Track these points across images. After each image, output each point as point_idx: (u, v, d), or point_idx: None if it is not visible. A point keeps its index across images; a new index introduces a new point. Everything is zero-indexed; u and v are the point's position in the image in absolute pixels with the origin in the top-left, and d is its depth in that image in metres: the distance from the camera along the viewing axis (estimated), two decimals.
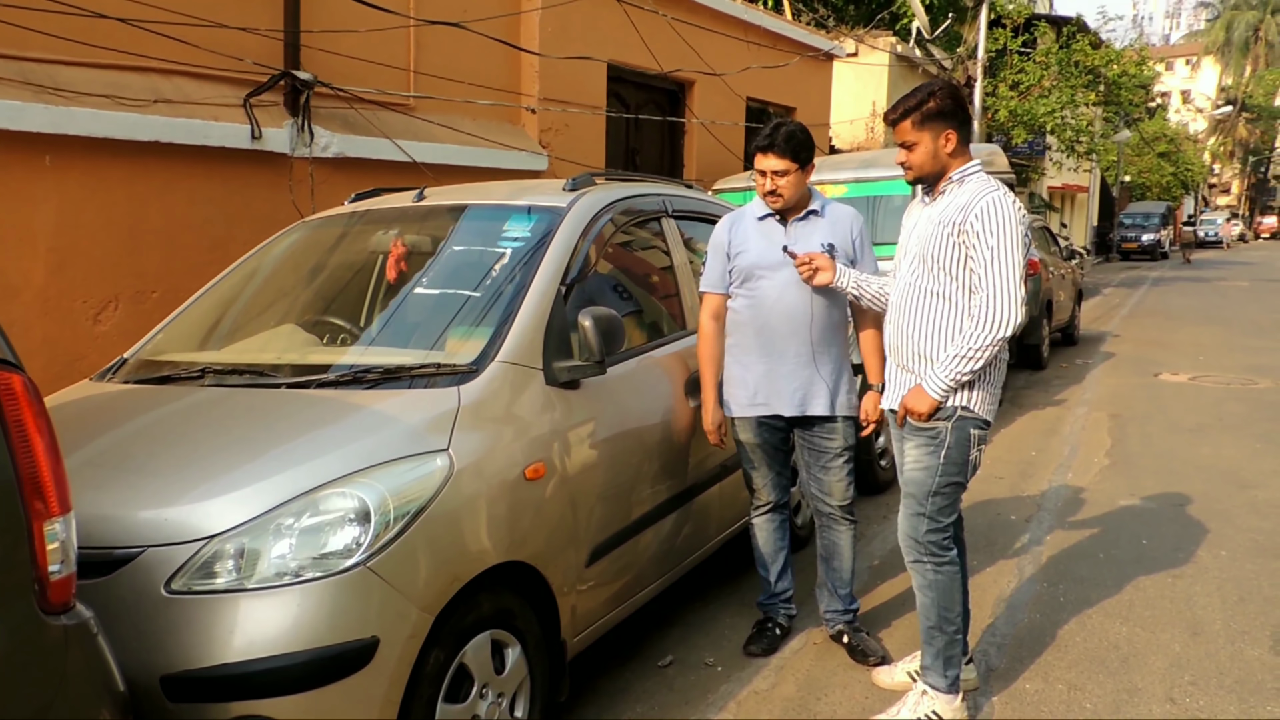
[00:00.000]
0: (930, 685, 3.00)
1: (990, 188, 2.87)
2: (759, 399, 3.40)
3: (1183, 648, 3.52)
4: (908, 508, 3.01)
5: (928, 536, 2.97)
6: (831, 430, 3.42)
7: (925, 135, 2.91)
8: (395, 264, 3.43)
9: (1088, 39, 16.82)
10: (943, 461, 2.92)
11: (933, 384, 2.87)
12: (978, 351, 2.81)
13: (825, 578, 3.56)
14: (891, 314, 3.08)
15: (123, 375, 3.14)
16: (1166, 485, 5.59)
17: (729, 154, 9.66)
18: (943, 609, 2.98)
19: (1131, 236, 32.74)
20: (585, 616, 2.94)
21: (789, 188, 3.32)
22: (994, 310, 2.79)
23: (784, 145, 3.29)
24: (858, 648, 3.47)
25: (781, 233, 3.38)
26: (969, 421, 2.91)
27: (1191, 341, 11.86)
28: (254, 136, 5.29)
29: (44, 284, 4.54)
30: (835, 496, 3.46)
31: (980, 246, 2.81)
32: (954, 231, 2.86)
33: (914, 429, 2.97)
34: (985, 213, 2.81)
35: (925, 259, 2.94)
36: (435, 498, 2.36)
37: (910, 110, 2.92)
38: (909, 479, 3.00)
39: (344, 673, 2.13)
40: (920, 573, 3.02)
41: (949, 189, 2.95)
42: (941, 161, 2.93)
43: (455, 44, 6.59)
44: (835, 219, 3.43)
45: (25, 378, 1.64)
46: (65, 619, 1.65)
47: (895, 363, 3.07)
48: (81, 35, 4.56)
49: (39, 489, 1.61)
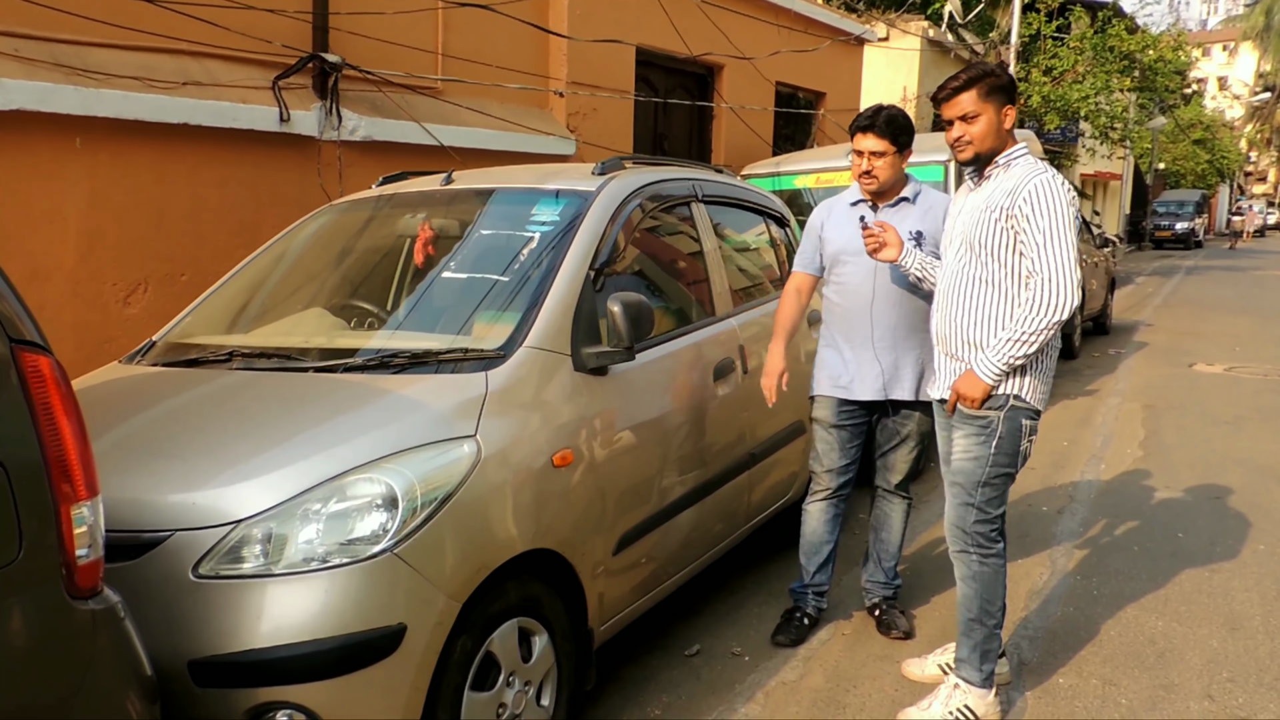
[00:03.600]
0: (964, 679, 2.96)
1: (1038, 169, 2.80)
2: (842, 381, 3.43)
3: (1220, 643, 3.45)
4: (955, 497, 2.96)
5: (975, 527, 2.93)
6: (909, 416, 3.46)
7: (989, 107, 2.83)
8: (423, 248, 3.41)
9: (1123, 24, 16.51)
10: (994, 452, 2.86)
11: (985, 368, 2.81)
12: (1033, 335, 2.74)
13: (873, 547, 3.63)
14: (939, 302, 3.01)
15: (151, 358, 3.14)
16: (1202, 478, 5.49)
17: (758, 139, 9.56)
18: (985, 601, 2.94)
19: (1165, 225, 32.27)
20: (612, 605, 2.91)
21: (885, 169, 3.32)
22: (1050, 292, 2.72)
23: (884, 126, 3.30)
24: (885, 621, 3.53)
25: (871, 219, 3.35)
26: (1021, 411, 2.85)
27: (1227, 331, 11.66)
28: (282, 119, 5.28)
29: (74, 267, 4.55)
30: (896, 475, 3.54)
31: (1031, 229, 2.74)
32: (1002, 216, 2.79)
33: (964, 418, 2.91)
34: (1035, 194, 2.75)
35: (972, 245, 2.87)
36: (463, 484, 2.34)
37: (975, 80, 2.84)
38: (958, 469, 2.94)
39: (371, 660, 2.11)
40: (965, 563, 2.98)
41: (995, 174, 2.88)
42: (1000, 138, 2.86)
43: (483, 27, 6.54)
44: (927, 207, 3.41)
45: (53, 360, 1.62)
46: (93, 604, 1.64)
47: (942, 351, 3.01)
48: (112, 17, 4.56)
49: (66, 472, 1.60)
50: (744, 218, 4.27)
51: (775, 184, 6.86)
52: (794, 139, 10.59)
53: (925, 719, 2.94)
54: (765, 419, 3.79)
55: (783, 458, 3.95)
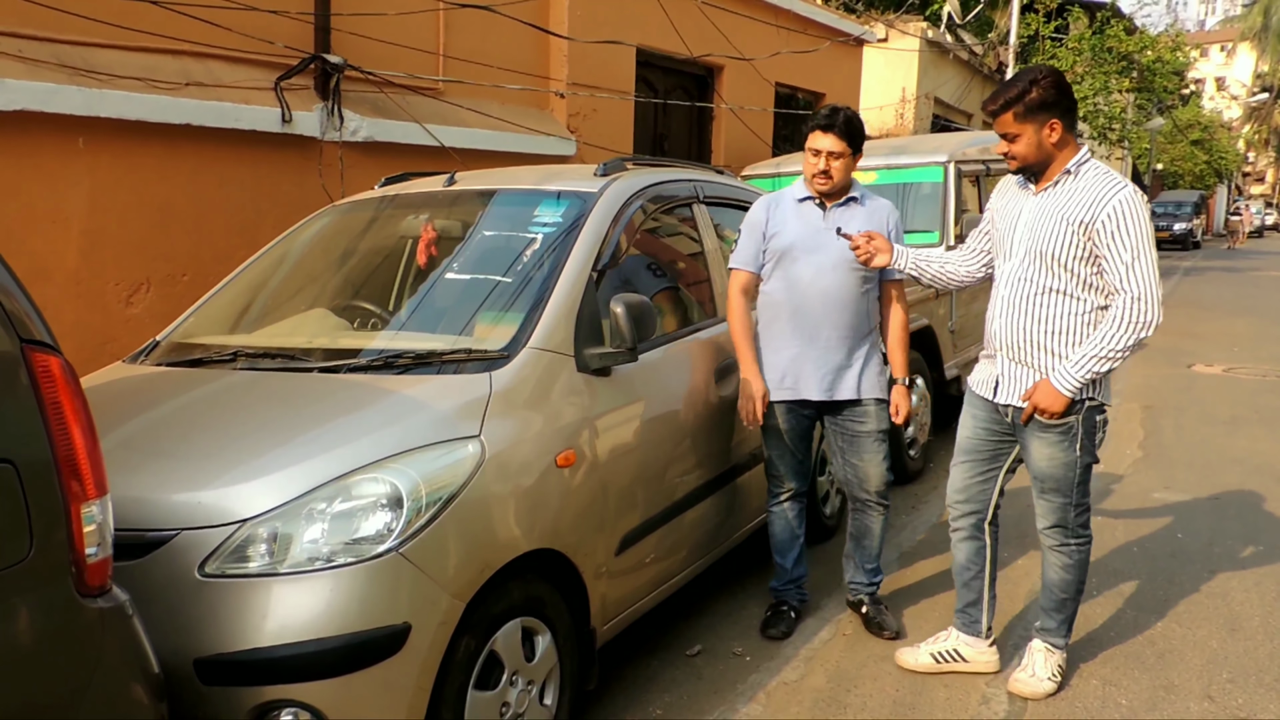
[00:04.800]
0: (1052, 644, 3.13)
1: (1118, 184, 2.79)
2: (787, 382, 3.39)
3: (1220, 644, 3.46)
4: (1052, 501, 3.01)
5: (1077, 520, 3.01)
6: (862, 414, 3.41)
7: (1029, 127, 2.84)
8: (425, 248, 3.42)
9: (1121, 24, 16.54)
10: (1079, 453, 2.93)
11: (1065, 382, 2.83)
12: (1118, 352, 2.78)
13: (853, 553, 3.61)
14: (1000, 308, 3.00)
15: (155, 358, 3.15)
16: (1201, 478, 5.51)
17: (757, 140, 9.58)
18: (1079, 581, 3.10)
19: (1163, 225, 32.26)
20: (615, 604, 2.92)
21: (841, 170, 3.32)
22: (1139, 311, 2.75)
23: (843, 128, 3.30)
24: (874, 619, 3.54)
25: (820, 217, 3.37)
26: (1095, 410, 2.91)
27: (1225, 332, 11.68)
28: (284, 120, 5.29)
29: (76, 266, 4.56)
30: (871, 482, 3.46)
31: (1117, 248, 2.76)
32: (1081, 230, 2.79)
33: (1044, 426, 2.93)
34: (1120, 214, 2.75)
35: (1044, 255, 2.86)
36: (467, 484, 2.35)
37: (1011, 102, 2.83)
38: (1048, 475, 2.98)
39: (376, 659, 2.12)
40: (1065, 554, 3.06)
41: (1063, 180, 2.87)
42: (1046, 152, 2.86)
43: (484, 27, 6.56)
44: (873, 209, 3.42)
45: (63, 360, 1.64)
46: (102, 602, 1.65)
47: (1007, 357, 3.00)
48: (115, 18, 4.57)
49: (76, 471, 1.61)
50: (744, 218, 4.27)
51: (775, 185, 6.87)
52: (793, 139, 10.60)
53: (1035, 685, 3.09)
54: None
55: None
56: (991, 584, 3.25)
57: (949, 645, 3.27)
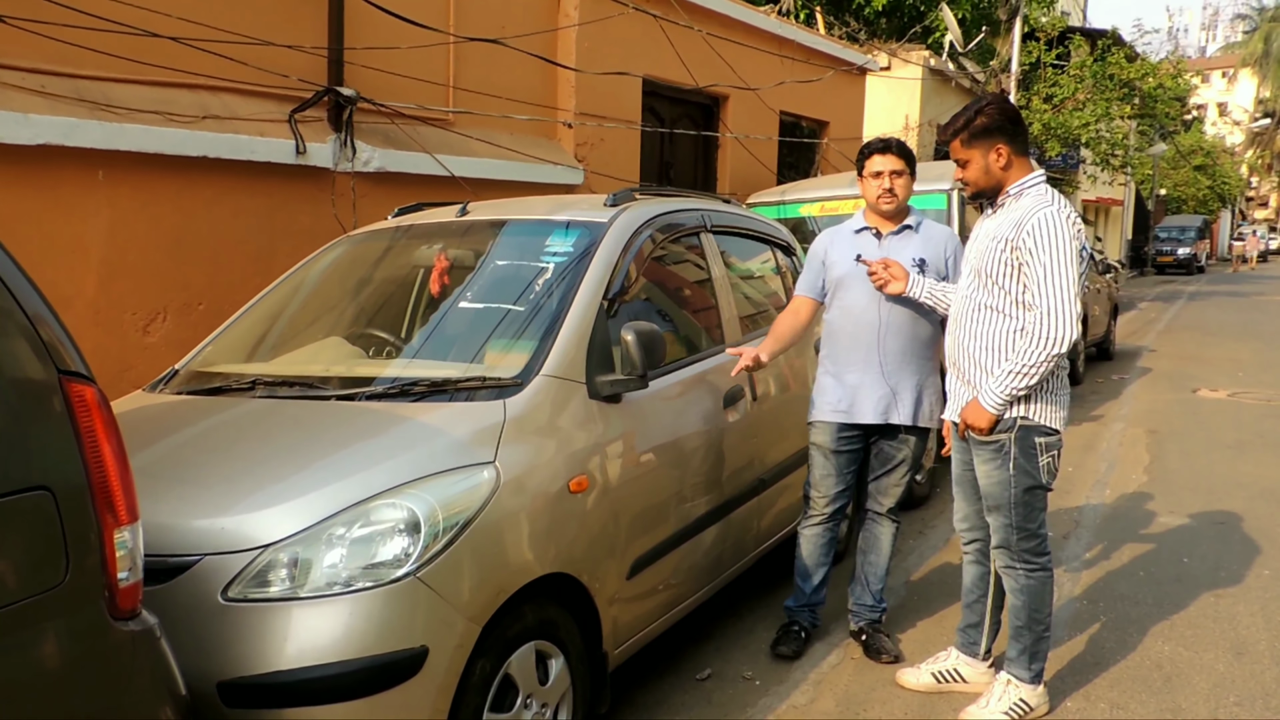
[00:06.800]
0: (1015, 675, 3.09)
1: (1044, 202, 2.88)
2: (842, 406, 3.51)
3: (1227, 668, 3.48)
4: (995, 519, 3.06)
5: (1020, 545, 3.03)
6: (905, 441, 3.53)
7: (975, 152, 2.95)
8: (438, 278, 3.48)
9: (1123, 52, 16.68)
10: (1013, 472, 2.96)
11: (988, 399, 2.91)
12: (1031, 368, 2.83)
13: (861, 570, 3.67)
14: (950, 327, 3.13)
15: (175, 386, 3.21)
16: (1207, 503, 5.53)
17: (762, 168, 9.67)
18: (1032, 610, 3.05)
19: (1167, 250, 32.36)
20: (626, 628, 2.96)
21: (904, 188, 3.47)
22: (1048, 327, 2.81)
23: (899, 148, 3.48)
24: (873, 645, 3.59)
25: (875, 246, 3.48)
26: (1031, 430, 2.94)
27: (1229, 357, 11.70)
28: (298, 151, 5.37)
29: (95, 295, 4.64)
30: (889, 499, 3.61)
31: (1033, 263, 2.83)
32: (1006, 247, 2.88)
33: (978, 443, 3.01)
34: (1038, 228, 2.83)
35: (980, 273, 2.98)
36: (482, 510, 2.40)
37: (958, 130, 2.97)
38: (986, 492, 3.06)
39: (394, 681, 2.16)
40: (1013, 577, 3.08)
41: (1007, 203, 2.97)
42: (995, 176, 2.96)
43: (494, 60, 6.66)
44: (930, 236, 3.53)
45: (97, 389, 1.70)
46: (132, 625, 1.70)
47: (954, 375, 3.11)
48: (133, 53, 4.66)
49: (109, 498, 1.67)
50: (751, 246, 4.35)
51: (780, 212, 6.95)
52: (798, 167, 10.71)
53: (986, 716, 3.05)
54: (775, 445, 3.85)
55: (792, 483, 4.00)
56: (995, 610, 3.28)
57: (949, 665, 3.32)
